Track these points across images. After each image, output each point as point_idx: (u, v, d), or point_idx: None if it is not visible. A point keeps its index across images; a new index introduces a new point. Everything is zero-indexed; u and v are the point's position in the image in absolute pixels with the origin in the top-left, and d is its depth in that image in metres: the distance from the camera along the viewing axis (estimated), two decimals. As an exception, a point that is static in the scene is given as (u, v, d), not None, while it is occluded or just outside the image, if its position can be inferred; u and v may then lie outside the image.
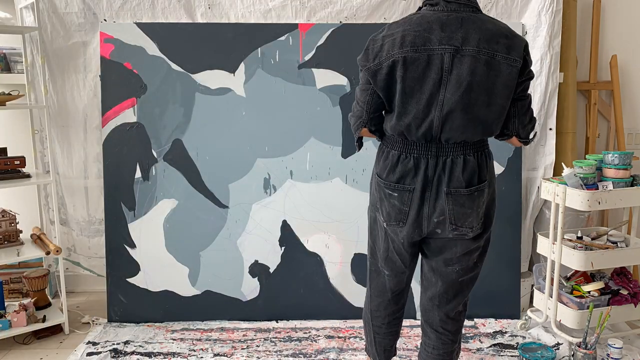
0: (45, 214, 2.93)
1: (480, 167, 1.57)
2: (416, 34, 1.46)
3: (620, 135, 2.94)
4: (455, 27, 1.45)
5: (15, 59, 2.87)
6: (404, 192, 1.56)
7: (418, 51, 1.45)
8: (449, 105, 1.47)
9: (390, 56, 1.47)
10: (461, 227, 1.58)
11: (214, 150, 2.68)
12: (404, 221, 1.59)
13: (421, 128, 1.51)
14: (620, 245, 2.42)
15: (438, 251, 1.67)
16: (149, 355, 2.40)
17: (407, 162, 1.56)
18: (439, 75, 1.46)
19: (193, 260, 2.71)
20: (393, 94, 1.52)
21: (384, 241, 1.72)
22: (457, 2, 1.48)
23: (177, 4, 2.71)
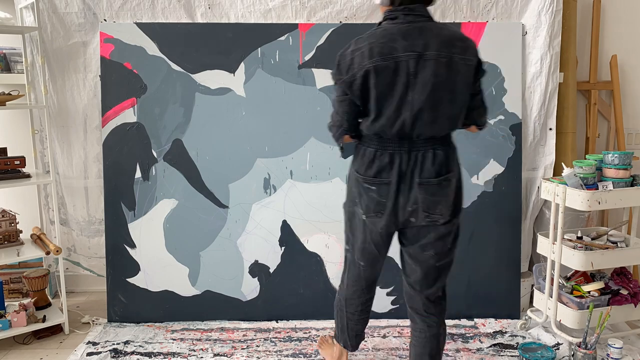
0: (45, 214, 2.93)
1: (447, 159, 1.73)
2: (382, 45, 1.63)
3: (620, 135, 2.94)
4: (415, 35, 1.63)
5: (15, 59, 2.87)
6: (381, 185, 1.72)
7: (386, 60, 1.62)
8: (417, 105, 1.64)
9: (362, 67, 1.64)
10: (433, 214, 1.73)
11: (214, 150, 2.68)
12: (382, 212, 1.75)
13: (394, 127, 1.67)
14: (620, 245, 2.42)
15: (414, 239, 1.81)
16: (149, 355, 2.40)
17: (383, 158, 1.72)
18: (406, 79, 1.62)
19: (193, 260, 2.71)
20: (368, 100, 1.69)
21: (362, 233, 1.84)
22: (413, 14, 1.66)
23: (177, 4, 2.71)
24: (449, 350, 2.42)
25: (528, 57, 2.71)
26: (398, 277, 2.71)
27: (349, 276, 1.99)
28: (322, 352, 2.31)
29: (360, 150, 1.79)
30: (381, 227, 1.78)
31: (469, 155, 2.68)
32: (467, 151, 2.68)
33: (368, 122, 1.71)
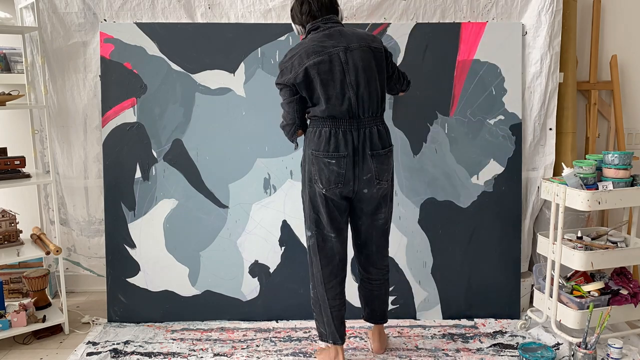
0: (45, 214, 2.93)
1: (387, 134, 2.15)
2: (314, 46, 2.03)
3: (620, 135, 2.94)
4: (337, 36, 2.06)
5: (15, 59, 2.87)
6: (340, 158, 2.04)
7: (320, 55, 2.01)
8: (355, 84, 2.03)
9: (302, 64, 2.01)
10: (382, 180, 2.11)
11: (214, 150, 2.68)
12: (341, 182, 2.07)
13: (344, 104, 2.03)
14: (620, 245, 2.42)
15: (368, 205, 2.16)
16: (149, 355, 2.40)
17: (338, 135, 2.05)
18: (341, 67, 2.02)
19: (193, 260, 2.71)
20: (314, 88, 2.04)
21: (325, 207, 2.12)
22: (331, 22, 2.10)
23: (177, 4, 2.71)
24: (449, 350, 2.42)
25: (528, 57, 2.71)
26: (398, 277, 2.71)
27: (322, 257, 2.19)
28: (320, 358, 2.33)
29: (314, 133, 2.09)
30: (341, 195, 2.10)
31: (469, 155, 2.69)
32: (467, 151, 2.68)
33: (322, 107, 2.03)
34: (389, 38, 2.64)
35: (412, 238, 2.71)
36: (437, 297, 2.72)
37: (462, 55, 2.66)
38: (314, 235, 2.19)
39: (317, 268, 2.21)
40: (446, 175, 2.69)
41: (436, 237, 2.71)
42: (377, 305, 2.36)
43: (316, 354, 2.37)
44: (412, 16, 2.73)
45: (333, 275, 2.21)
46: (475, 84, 2.67)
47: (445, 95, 2.67)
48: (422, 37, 2.65)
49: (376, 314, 2.37)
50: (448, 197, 2.70)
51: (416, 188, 2.69)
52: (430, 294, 2.72)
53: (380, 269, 2.32)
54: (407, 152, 2.68)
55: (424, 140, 2.68)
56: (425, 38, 2.64)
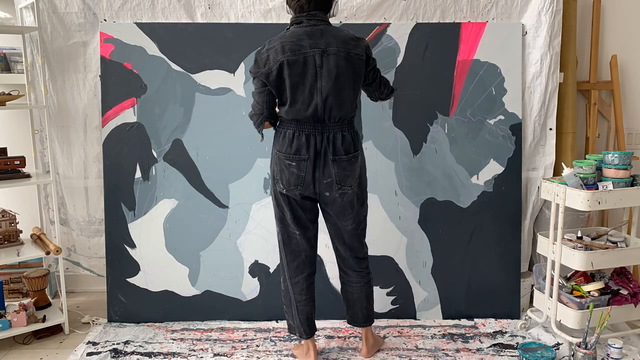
0: (45, 214, 2.93)
1: (353, 140, 2.10)
2: (292, 43, 1.98)
3: (620, 135, 2.94)
4: (318, 36, 1.99)
5: (15, 59, 2.87)
6: (300, 161, 2.04)
7: (295, 55, 1.97)
8: (325, 91, 2.00)
9: (277, 61, 1.98)
10: (344, 186, 2.09)
11: (214, 150, 2.68)
12: (301, 184, 2.07)
13: (309, 110, 2.01)
14: (620, 245, 2.42)
15: (332, 209, 2.17)
16: (149, 355, 2.40)
17: (301, 138, 2.04)
18: (314, 70, 1.98)
19: (193, 260, 2.71)
20: (284, 89, 2.01)
21: (288, 205, 2.16)
22: (315, 19, 2.02)
23: (177, 4, 2.71)
24: (449, 350, 2.42)
25: (528, 57, 2.71)
26: (398, 277, 2.71)
27: (288, 252, 2.24)
28: (295, 353, 2.39)
29: (280, 133, 2.11)
30: (302, 196, 2.13)
31: (469, 155, 2.69)
32: (467, 151, 2.68)
33: (286, 108, 2.03)
34: (389, 38, 2.64)
35: (412, 238, 2.71)
36: (437, 297, 2.72)
37: (462, 55, 2.66)
38: (280, 231, 2.24)
39: (284, 262, 2.27)
40: (446, 175, 2.69)
41: (436, 237, 2.71)
42: (359, 308, 2.33)
43: (292, 349, 2.41)
44: (412, 16, 2.73)
45: (299, 271, 2.24)
46: (475, 84, 2.67)
47: (445, 95, 2.67)
48: (422, 37, 2.65)
49: (358, 317, 2.35)
50: (448, 197, 2.70)
51: (416, 188, 2.69)
52: (430, 294, 2.72)
53: (358, 272, 2.30)
54: (407, 152, 2.68)
55: (424, 140, 2.68)
56: (425, 38, 2.64)
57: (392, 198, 2.69)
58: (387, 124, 2.67)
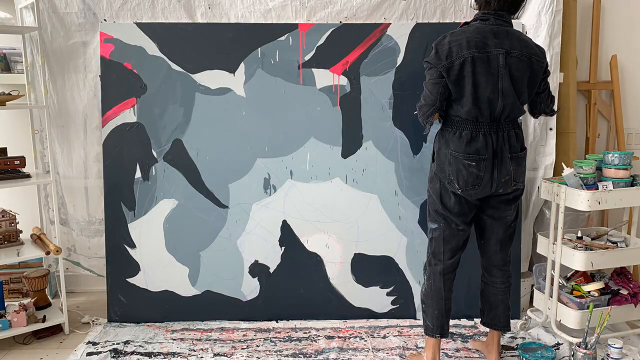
0: (45, 214, 2.93)
1: (522, 137, 2.13)
2: (477, 39, 1.97)
3: (620, 135, 2.94)
4: (503, 36, 1.99)
5: (15, 59, 2.87)
6: (480, 161, 2.02)
7: (480, 52, 1.95)
8: (506, 92, 1.99)
9: (461, 56, 1.96)
10: (518, 182, 2.11)
11: (214, 150, 2.68)
12: (479, 184, 2.05)
13: (489, 110, 2.00)
14: (620, 245, 2.42)
15: (499, 204, 2.15)
16: (149, 355, 2.40)
17: (478, 138, 2.03)
18: (497, 70, 1.97)
19: (193, 260, 2.71)
20: (462, 86, 1.99)
21: (457, 203, 2.12)
22: (502, 19, 2.02)
23: (177, 4, 2.71)
24: (449, 350, 2.42)
25: (528, 57, 2.71)
26: (398, 277, 2.71)
27: (447, 252, 2.19)
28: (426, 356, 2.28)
29: (453, 133, 2.07)
30: (476, 196, 2.09)
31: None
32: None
33: (467, 108, 2.00)
34: (389, 38, 2.64)
35: (412, 238, 2.71)
36: (437, 297, 2.72)
37: (462, 55, 2.66)
38: (440, 227, 2.18)
39: (439, 259, 2.20)
40: (446, 175, 2.69)
41: (436, 237, 2.71)
42: (501, 310, 2.27)
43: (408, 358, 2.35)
44: (412, 16, 2.73)
45: (452, 268, 2.22)
46: (475, 84, 2.67)
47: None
48: (422, 37, 2.65)
49: (499, 320, 2.28)
50: (448, 197, 2.70)
51: (416, 188, 2.69)
52: (430, 294, 2.72)
53: (504, 271, 2.26)
54: (407, 152, 2.68)
55: (424, 140, 2.68)
56: (425, 38, 2.64)
57: (392, 198, 2.69)
58: (387, 124, 2.67)
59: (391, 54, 2.65)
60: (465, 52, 1.95)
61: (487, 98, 1.98)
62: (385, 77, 2.65)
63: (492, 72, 1.96)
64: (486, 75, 1.96)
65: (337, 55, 2.65)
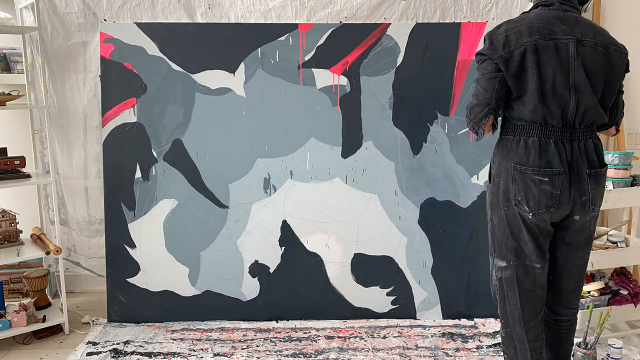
0: (45, 214, 2.93)
1: (602, 150, 1.74)
2: (540, 25, 1.64)
3: (620, 135, 2.94)
4: (572, 22, 1.66)
5: (15, 59, 2.87)
6: (554, 176, 1.65)
7: (546, 39, 1.62)
8: (580, 88, 1.64)
9: (521, 44, 1.63)
10: (596, 206, 1.72)
11: (214, 150, 2.68)
12: (554, 206, 1.67)
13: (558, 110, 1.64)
14: (620, 245, 2.42)
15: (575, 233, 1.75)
16: (149, 355, 2.40)
17: (549, 147, 1.66)
18: (567, 62, 1.63)
19: (193, 260, 2.71)
20: (525, 80, 1.65)
21: (529, 233, 1.72)
22: (568, 4, 1.70)
23: (177, 4, 2.71)
24: (449, 350, 2.42)
25: (528, 57, 2.71)
26: (398, 277, 2.71)
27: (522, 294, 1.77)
28: None
29: (516, 142, 1.71)
30: (549, 222, 1.71)
31: (469, 155, 2.68)
32: (467, 151, 2.68)
33: (531, 106, 1.66)
34: (389, 38, 2.64)
35: (412, 238, 2.71)
36: (437, 297, 2.72)
37: (462, 55, 2.66)
38: (511, 266, 1.76)
39: (515, 305, 1.79)
40: (446, 175, 2.69)
41: (436, 237, 2.71)
42: (563, 349, 1.93)
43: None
44: (412, 16, 2.73)
45: (534, 313, 1.79)
46: (475, 84, 2.67)
47: (445, 95, 2.67)
48: (422, 37, 2.65)
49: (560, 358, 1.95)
50: (448, 197, 2.70)
51: (416, 188, 2.69)
52: (430, 294, 2.72)
53: (571, 309, 1.90)
54: (407, 152, 2.68)
55: (424, 140, 2.68)
56: (425, 38, 2.64)
57: (392, 198, 2.69)
58: (387, 124, 2.67)
59: (391, 54, 2.65)
60: (526, 40, 1.63)
61: (557, 94, 1.63)
62: (385, 77, 2.65)
63: (561, 63, 1.63)
64: (554, 66, 1.63)
65: (337, 55, 2.65)
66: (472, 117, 1.74)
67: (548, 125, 1.66)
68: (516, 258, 1.76)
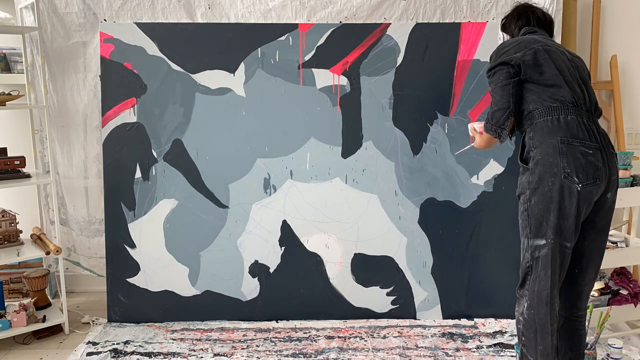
0: (45, 214, 2.93)
1: None
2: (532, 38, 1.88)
3: (620, 135, 2.94)
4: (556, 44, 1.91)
5: (15, 59, 2.87)
6: (596, 150, 1.74)
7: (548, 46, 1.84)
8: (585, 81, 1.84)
9: (531, 48, 1.83)
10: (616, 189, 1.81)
11: (214, 150, 2.68)
12: (600, 178, 1.73)
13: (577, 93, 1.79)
14: (620, 245, 2.42)
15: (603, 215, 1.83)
16: (149, 355, 2.40)
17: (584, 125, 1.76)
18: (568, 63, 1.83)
19: (193, 260, 2.71)
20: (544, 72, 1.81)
21: (575, 207, 1.74)
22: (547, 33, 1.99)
23: (177, 4, 2.71)
24: (449, 350, 2.42)
25: (528, 57, 2.71)
26: (398, 277, 2.71)
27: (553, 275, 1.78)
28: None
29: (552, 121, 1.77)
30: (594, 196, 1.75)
31: (469, 155, 2.68)
32: (467, 151, 2.68)
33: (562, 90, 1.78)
34: (389, 38, 2.64)
35: (412, 238, 2.71)
36: (437, 297, 2.72)
37: (462, 55, 2.66)
38: (549, 244, 1.76)
39: (544, 285, 1.78)
40: (446, 175, 2.69)
41: (436, 237, 2.71)
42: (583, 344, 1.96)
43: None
44: (412, 16, 2.73)
45: (558, 294, 1.83)
46: (476, 84, 2.67)
47: (445, 95, 2.67)
48: (422, 37, 2.65)
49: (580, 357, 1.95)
50: (448, 197, 2.70)
51: (416, 188, 2.69)
52: (430, 294, 2.72)
53: (583, 307, 1.94)
54: (407, 152, 2.68)
55: (424, 140, 2.68)
56: (425, 38, 2.64)
57: (392, 198, 2.69)
58: (387, 124, 2.67)
59: (391, 54, 2.65)
60: (533, 46, 1.84)
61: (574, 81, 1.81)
62: (385, 77, 2.65)
63: (565, 62, 1.83)
64: (564, 62, 1.82)
65: (337, 55, 2.65)
66: (494, 122, 1.86)
67: (576, 106, 1.78)
68: (554, 236, 1.76)
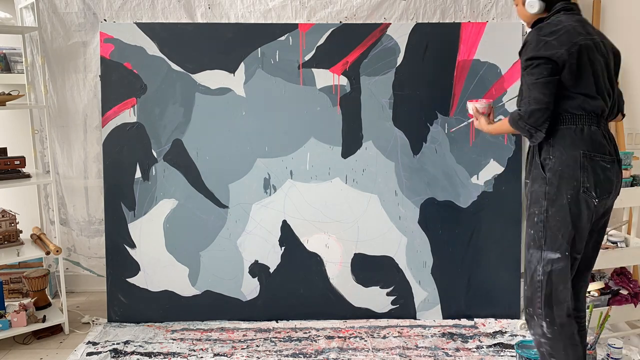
0: (45, 214, 2.93)
1: None
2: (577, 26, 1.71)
3: (620, 135, 2.94)
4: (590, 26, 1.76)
5: (15, 59, 2.87)
6: (613, 163, 1.73)
7: (587, 39, 1.70)
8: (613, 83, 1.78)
9: (575, 43, 1.68)
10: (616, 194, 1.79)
11: (214, 150, 2.68)
12: (612, 192, 1.74)
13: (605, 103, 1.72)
14: (620, 245, 2.42)
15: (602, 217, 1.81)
16: (149, 355, 2.40)
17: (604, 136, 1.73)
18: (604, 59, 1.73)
19: (193, 260, 2.71)
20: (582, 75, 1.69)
21: (588, 221, 1.72)
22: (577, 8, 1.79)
23: (177, 4, 2.71)
24: (449, 350, 2.42)
25: (528, 57, 2.71)
26: (398, 277, 2.71)
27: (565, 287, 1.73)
28: None
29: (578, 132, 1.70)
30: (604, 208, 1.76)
31: (469, 155, 2.69)
32: (467, 151, 2.68)
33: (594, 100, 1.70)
34: (389, 38, 2.64)
35: (412, 238, 2.71)
36: (437, 297, 2.72)
37: (462, 55, 2.66)
38: (565, 257, 1.71)
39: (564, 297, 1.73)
40: (446, 175, 2.69)
41: (436, 237, 2.71)
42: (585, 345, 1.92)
43: None
44: (412, 16, 2.73)
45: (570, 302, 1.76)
46: (476, 84, 2.67)
47: (445, 95, 2.67)
48: (422, 37, 2.65)
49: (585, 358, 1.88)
50: (448, 197, 2.70)
51: (416, 188, 2.69)
52: (430, 294, 2.72)
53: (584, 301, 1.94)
54: (407, 152, 2.68)
55: (424, 140, 2.69)
56: (425, 38, 2.64)
57: (392, 198, 2.69)
58: (387, 124, 2.67)
59: (391, 54, 2.65)
60: (575, 40, 1.68)
61: (606, 88, 1.73)
62: (385, 77, 2.65)
63: (601, 60, 1.72)
64: (600, 63, 1.72)
65: (337, 55, 2.65)
66: (531, 121, 1.68)
67: (598, 116, 1.72)
68: (570, 248, 1.72)
